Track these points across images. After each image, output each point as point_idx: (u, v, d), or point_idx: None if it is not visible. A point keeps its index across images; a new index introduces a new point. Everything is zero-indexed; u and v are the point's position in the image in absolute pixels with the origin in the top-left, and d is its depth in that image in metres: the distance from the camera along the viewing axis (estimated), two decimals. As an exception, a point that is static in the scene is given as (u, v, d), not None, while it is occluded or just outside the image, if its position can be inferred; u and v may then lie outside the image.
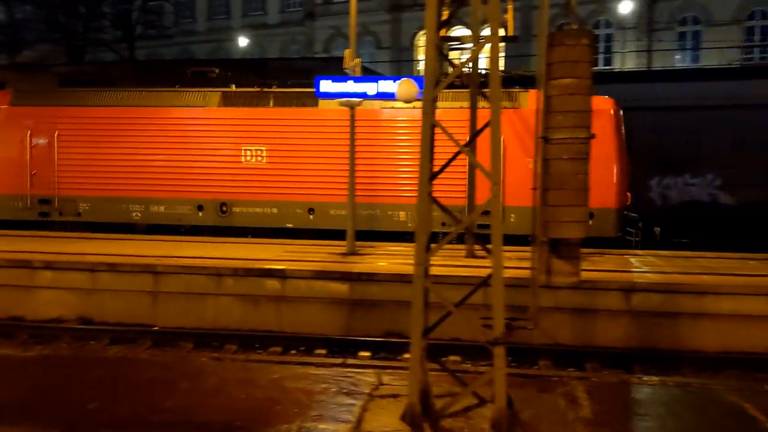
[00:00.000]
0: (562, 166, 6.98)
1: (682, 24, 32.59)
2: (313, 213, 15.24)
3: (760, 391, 6.82)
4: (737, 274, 10.96)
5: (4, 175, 16.08)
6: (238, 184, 15.16)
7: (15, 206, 16.10)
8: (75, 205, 15.95)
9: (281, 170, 15.26)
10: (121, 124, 15.84)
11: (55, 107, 16.14)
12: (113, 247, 12.99)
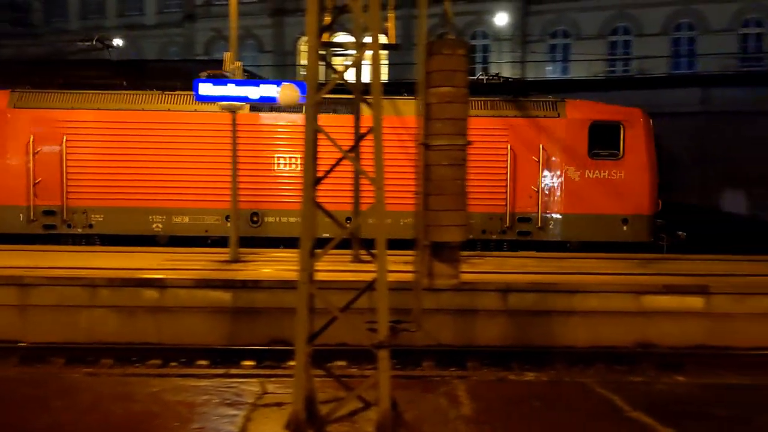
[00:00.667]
0: (442, 172, 7.20)
1: (553, 37, 34.35)
2: (349, 222, 14.48)
3: (625, 382, 7.28)
4: (604, 273, 11.67)
5: (2, 185, 14.44)
6: (271, 192, 14.37)
7: (14, 219, 14.47)
8: (86, 217, 14.57)
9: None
10: (140, 128, 14.57)
11: (62, 110, 14.60)
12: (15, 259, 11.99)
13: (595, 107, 15.39)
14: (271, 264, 12.21)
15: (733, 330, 10.77)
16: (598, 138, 14.83)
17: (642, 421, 5.83)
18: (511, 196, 14.72)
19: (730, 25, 32.09)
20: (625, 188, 14.73)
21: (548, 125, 14.85)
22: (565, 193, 14.76)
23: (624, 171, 14.78)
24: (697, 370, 9.41)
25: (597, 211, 14.76)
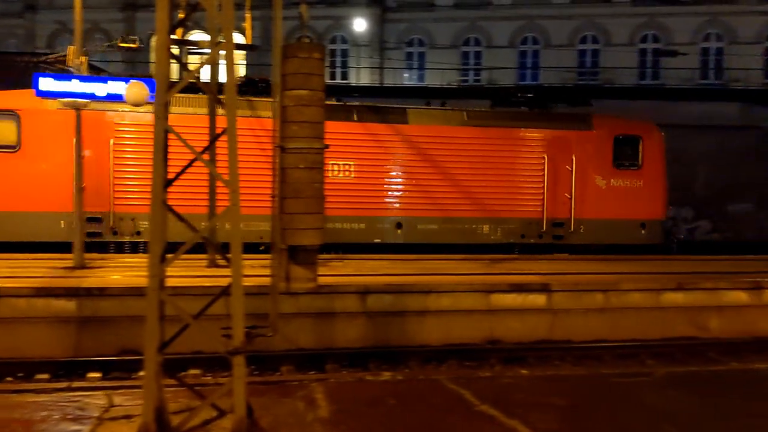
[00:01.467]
0: (299, 175, 7.19)
1: (409, 45, 35.30)
2: (401, 228, 15.10)
3: (474, 377, 7.61)
4: (457, 274, 12.16)
5: (43, 190, 13.48)
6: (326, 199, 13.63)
7: (56, 226, 13.48)
8: (134, 224, 13.93)
9: (369, 185, 15.08)
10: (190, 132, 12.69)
11: (111, 112, 13.74)
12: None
13: (618, 121, 16.89)
14: (120, 270, 11.63)
15: (571, 325, 11.59)
16: (620, 149, 16.31)
17: (489, 413, 6.13)
18: (548, 202, 15.91)
19: (569, 40, 34.55)
20: (643, 195, 16.35)
21: (579, 137, 16.26)
22: (593, 200, 16.08)
23: (642, 180, 16.39)
24: (540, 364, 10.05)
25: (620, 217, 16.08)
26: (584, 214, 16.05)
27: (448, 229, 15.42)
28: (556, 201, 16.05)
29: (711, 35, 34.13)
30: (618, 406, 6.53)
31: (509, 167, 16.03)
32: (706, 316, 12.14)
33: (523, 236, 15.84)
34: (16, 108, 13.85)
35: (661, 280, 12.15)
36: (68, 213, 12.91)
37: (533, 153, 16.10)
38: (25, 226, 13.75)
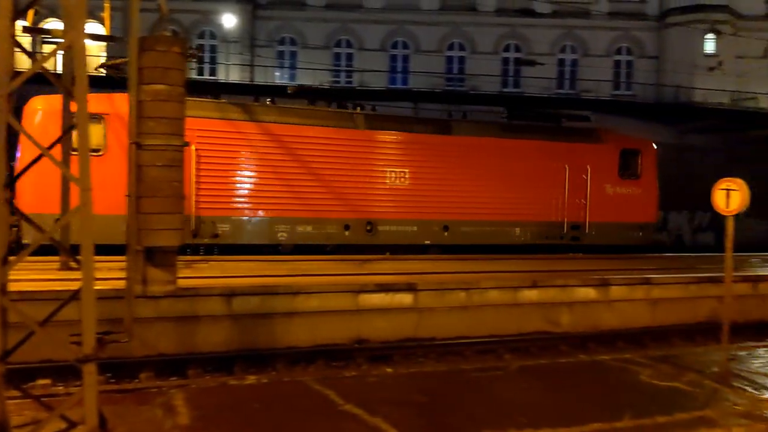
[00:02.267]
0: (156, 173, 6.91)
1: (281, 43, 34.99)
2: (447, 230, 16.65)
3: (340, 377, 7.66)
4: (325, 274, 12.19)
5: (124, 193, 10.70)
6: (383, 203, 15.37)
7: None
8: (213, 227, 14.44)
9: (421, 191, 16.31)
10: (266, 141, 14.87)
11: (191, 118, 12.52)
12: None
13: (623, 137, 19.41)
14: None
15: (435, 323, 11.94)
16: (625, 161, 18.47)
17: (352, 412, 6.20)
18: (568, 208, 17.67)
19: (437, 47, 35.59)
20: (641, 202, 18.43)
21: (592, 150, 18.26)
22: (603, 206, 17.93)
23: (641, 188, 18.49)
24: (404, 361, 10.29)
25: (623, 220, 17.97)
26: (595, 217, 17.87)
27: (487, 232, 17.18)
28: (574, 206, 17.95)
29: (567, 47, 36.37)
30: (475, 400, 6.80)
31: (537, 176, 17.69)
32: (558, 312, 12.91)
33: (547, 237, 17.74)
34: (103, 112, 13.80)
35: (518, 278, 12.78)
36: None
37: (557, 163, 17.88)
38: (107, 229, 12.56)
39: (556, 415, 6.19)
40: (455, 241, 16.92)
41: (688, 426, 6.07)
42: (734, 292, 13.62)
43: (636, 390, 7.27)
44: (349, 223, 15.66)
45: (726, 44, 34.12)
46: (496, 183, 17.29)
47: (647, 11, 36.37)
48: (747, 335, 12.94)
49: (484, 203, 17.16)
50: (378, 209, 16.04)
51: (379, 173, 16.13)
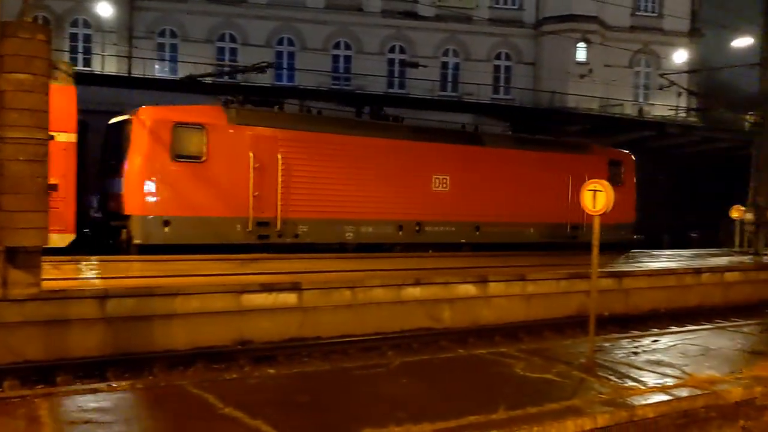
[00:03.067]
0: (18, 168, 6.46)
1: (161, 35, 33.76)
2: (479, 230, 19.14)
3: (220, 380, 7.48)
4: (206, 275, 11.89)
5: (222, 197, 15.20)
6: (429, 206, 17.16)
7: (233, 229, 15.38)
8: (294, 227, 16.03)
9: (459, 196, 18.61)
10: (337, 151, 16.61)
11: (277, 129, 16.06)
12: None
13: (609, 150, 22.82)
14: None
15: (320, 322, 11.95)
16: (611, 170, 21.39)
17: (233, 415, 6.07)
18: (570, 210, 19.71)
19: (323, 45, 35.57)
20: (623, 205, 19.67)
21: (587, 160, 21.33)
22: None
23: (623, 193, 19.63)
24: (288, 362, 10.23)
25: (611, 222, 18.42)
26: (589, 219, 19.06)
27: (509, 232, 19.73)
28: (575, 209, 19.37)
29: (449, 51, 37.39)
30: (357, 397, 6.85)
31: (547, 183, 20.46)
32: (440, 309, 13.26)
33: (553, 237, 20.43)
34: (202, 122, 15.29)
35: (402, 276, 13.00)
36: (243, 218, 15.51)
37: (562, 172, 20.66)
38: (208, 230, 15.22)
39: (435, 409, 6.34)
40: (485, 240, 19.34)
41: (557, 416, 6.38)
42: (600, 287, 14.54)
43: (510, 382, 7.57)
44: (402, 224, 17.82)
45: (596, 53, 36.28)
46: (516, 189, 19.99)
47: (525, 19, 38.01)
48: (611, 327, 13.84)
49: (507, 207, 19.77)
50: (425, 212, 18.10)
51: (426, 180, 18.37)
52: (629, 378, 7.92)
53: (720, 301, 17.75)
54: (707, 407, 7.43)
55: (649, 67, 38.87)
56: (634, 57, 38.34)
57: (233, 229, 15.47)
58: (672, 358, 9.08)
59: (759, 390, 7.94)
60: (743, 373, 8.38)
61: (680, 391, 7.48)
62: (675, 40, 38.08)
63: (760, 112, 23.29)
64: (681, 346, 9.95)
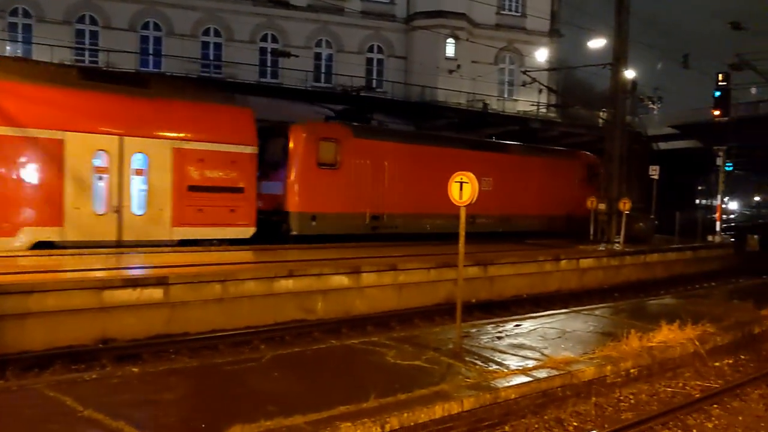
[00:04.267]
0: None
1: (12, 14, 31.36)
2: (509, 222, 23.37)
3: (80, 381, 7.09)
4: (65, 270, 11.22)
5: (350, 197, 18.91)
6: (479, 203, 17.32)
7: (356, 222, 19.13)
8: (394, 221, 20.00)
9: (496, 194, 22.13)
10: (419, 158, 20.64)
11: (384, 141, 20.20)
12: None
13: (588, 156, 27.42)
14: None
15: (189, 317, 11.60)
16: (588, 171, 26.53)
17: (93, 418, 5.78)
18: (564, 204, 24.91)
19: (192, 31, 34.41)
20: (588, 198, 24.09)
21: (576, 164, 26.63)
22: (580, 201, 23.82)
23: (593, 191, 24.61)
24: (154, 360, 9.86)
25: (584, 213, 23.75)
26: (576, 211, 24.45)
27: (526, 223, 24.05)
28: (567, 203, 24.97)
29: (322, 42, 37.34)
30: (226, 393, 6.72)
31: (547, 182, 24.82)
32: (314, 300, 13.27)
33: (552, 227, 24.87)
34: (336, 137, 18.95)
35: (275, 269, 12.88)
36: (363, 213, 19.30)
37: (559, 174, 25.36)
38: (341, 223, 18.86)
39: (306, 401, 6.35)
40: (511, 229, 23.40)
41: (426, 401, 6.58)
42: (467, 275, 15.11)
43: (382, 371, 7.72)
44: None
45: (463, 49, 37.51)
46: (531, 188, 24.35)
47: (396, 13, 38.65)
48: (478, 314, 14.42)
49: (525, 202, 24.00)
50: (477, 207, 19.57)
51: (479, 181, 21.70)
52: (493, 362, 8.30)
53: (576, 286, 18.98)
54: (564, 387, 7.93)
55: (513, 64, 40.72)
56: (499, 54, 40.02)
57: (357, 222, 19.25)
58: (533, 342, 9.61)
59: (609, 369, 8.57)
60: (595, 353, 9.00)
61: (540, 372, 7.93)
62: (537, 39, 40.11)
63: (611, 109, 25.00)
64: (541, 329, 10.53)
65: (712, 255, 26.01)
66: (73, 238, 14.31)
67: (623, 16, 23.85)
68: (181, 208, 15.68)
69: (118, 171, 14.92)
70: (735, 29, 19.35)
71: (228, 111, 16.91)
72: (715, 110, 20.95)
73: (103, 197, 14.90)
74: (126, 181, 15.07)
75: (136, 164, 15.25)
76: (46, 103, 14.21)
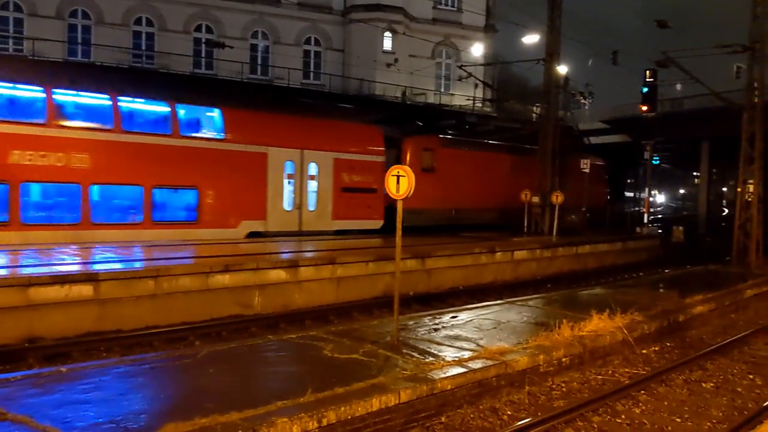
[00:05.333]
0: None
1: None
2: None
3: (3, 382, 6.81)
4: None
5: (440, 195, 23.29)
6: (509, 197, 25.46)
7: (444, 216, 24.08)
8: (463, 214, 24.86)
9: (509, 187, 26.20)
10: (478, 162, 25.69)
11: (459, 149, 25.24)
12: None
13: (595, 158, 30.89)
14: None
15: (122, 314, 11.32)
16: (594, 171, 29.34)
17: (17, 420, 5.56)
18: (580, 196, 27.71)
19: (123, 20, 33.39)
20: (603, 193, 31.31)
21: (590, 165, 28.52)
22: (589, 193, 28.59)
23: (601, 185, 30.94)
24: (84, 358, 9.57)
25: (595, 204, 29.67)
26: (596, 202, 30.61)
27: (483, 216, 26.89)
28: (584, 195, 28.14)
29: (259, 33, 36.81)
30: (159, 391, 6.59)
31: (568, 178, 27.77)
32: (251, 295, 13.13)
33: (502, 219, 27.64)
34: (433, 147, 23.78)
35: (210, 264, 12.67)
36: (449, 208, 24.25)
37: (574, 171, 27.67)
38: (436, 216, 23.59)
39: (243, 397, 6.27)
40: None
41: (364, 394, 6.59)
42: (405, 268, 15.23)
43: (320, 365, 7.68)
44: (500, 210, 26.16)
45: (401, 43, 37.65)
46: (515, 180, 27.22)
47: (333, 5, 38.45)
48: (416, 306, 14.56)
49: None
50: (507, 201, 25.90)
51: (511, 179, 26.50)
52: (430, 354, 8.38)
53: (511, 277, 19.37)
54: (498, 376, 8.08)
55: (449, 58, 41.11)
56: (436, 48, 40.31)
57: (444, 216, 24.00)
58: (469, 333, 9.74)
59: (542, 358, 8.78)
60: (529, 343, 9.20)
61: (475, 363, 8.05)
62: (472, 34, 40.60)
63: (544, 104, 25.55)
64: (477, 321, 10.70)
65: (640, 246, 26.96)
66: (272, 229, 18.81)
67: (555, 12, 24.40)
68: (337, 205, 20.39)
69: (299, 177, 19.45)
70: (661, 27, 19.99)
71: (367, 129, 22.36)
72: (643, 106, 21.59)
73: (290, 197, 19.34)
74: (304, 185, 19.65)
75: (311, 171, 19.78)
76: (255, 124, 19.11)
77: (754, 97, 20.64)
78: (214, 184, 17.47)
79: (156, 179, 16.35)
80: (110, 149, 15.49)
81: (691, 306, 13.17)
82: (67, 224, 15.16)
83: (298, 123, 20.04)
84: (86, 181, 15.19)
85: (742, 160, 21.00)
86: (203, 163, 17.25)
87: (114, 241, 15.34)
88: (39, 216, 15.12)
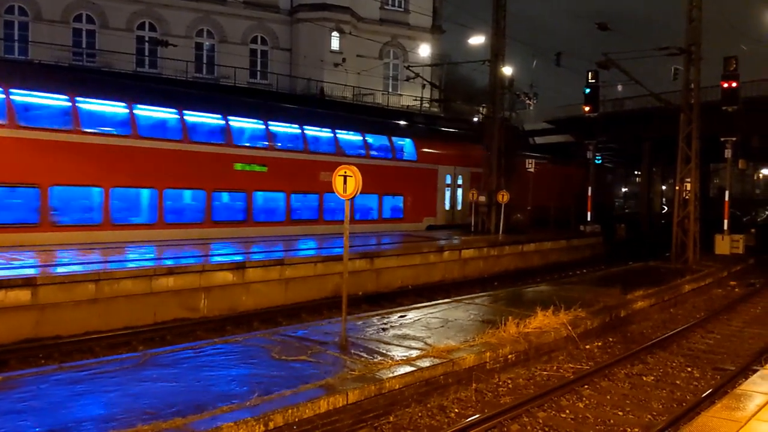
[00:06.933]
0: None
1: None
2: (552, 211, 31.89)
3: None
4: None
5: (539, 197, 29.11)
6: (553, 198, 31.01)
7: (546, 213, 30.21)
8: (536, 212, 29.81)
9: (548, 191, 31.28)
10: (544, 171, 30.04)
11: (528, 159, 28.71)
12: None
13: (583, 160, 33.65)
14: None
15: (61, 319, 11.00)
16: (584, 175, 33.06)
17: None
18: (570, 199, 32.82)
19: (62, 17, 32.44)
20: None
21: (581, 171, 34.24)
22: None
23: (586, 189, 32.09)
24: (22, 366, 9.24)
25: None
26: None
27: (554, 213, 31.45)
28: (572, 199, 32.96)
29: (204, 32, 36.24)
30: (97, 399, 6.41)
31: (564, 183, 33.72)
32: (197, 298, 12.92)
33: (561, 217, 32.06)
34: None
35: (153, 267, 12.42)
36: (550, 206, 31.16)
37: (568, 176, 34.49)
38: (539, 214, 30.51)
39: (187, 402, 6.16)
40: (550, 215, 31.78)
41: (312, 396, 6.56)
42: (354, 267, 15.21)
43: (267, 368, 7.61)
44: (549, 207, 30.84)
45: (349, 43, 37.60)
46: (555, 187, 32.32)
47: (280, 4, 38.13)
48: (365, 306, 14.55)
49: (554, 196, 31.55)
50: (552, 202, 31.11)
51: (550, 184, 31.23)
52: (378, 353, 8.39)
53: (458, 275, 19.55)
54: (446, 374, 8.15)
55: (397, 59, 41.25)
56: (383, 49, 40.39)
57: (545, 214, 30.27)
58: (416, 332, 9.79)
59: (489, 355, 8.89)
60: (476, 341, 9.30)
61: (423, 361, 8.10)
62: (419, 35, 40.83)
63: (490, 104, 25.87)
64: (425, 319, 10.76)
65: (583, 244, 27.58)
66: (439, 223, 26.61)
67: (500, 13, 24.73)
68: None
69: (453, 186, 27.72)
70: (601, 29, 20.46)
71: (479, 147, 26.59)
72: (585, 106, 22.06)
73: (448, 200, 27.55)
74: (455, 191, 27.84)
75: (459, 181, 27.80)
76: (431, 149, 26.97)
77: (690, 98, 21.32)
78: (412, 192, 25.55)
79: (384, 190, 24.05)
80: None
81: (633, 302, 13.53)
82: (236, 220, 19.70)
83: (451, 146, 28.25)
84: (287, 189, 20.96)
85: (679, 159, 21.66)
86: (408, 177, 25.23)
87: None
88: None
